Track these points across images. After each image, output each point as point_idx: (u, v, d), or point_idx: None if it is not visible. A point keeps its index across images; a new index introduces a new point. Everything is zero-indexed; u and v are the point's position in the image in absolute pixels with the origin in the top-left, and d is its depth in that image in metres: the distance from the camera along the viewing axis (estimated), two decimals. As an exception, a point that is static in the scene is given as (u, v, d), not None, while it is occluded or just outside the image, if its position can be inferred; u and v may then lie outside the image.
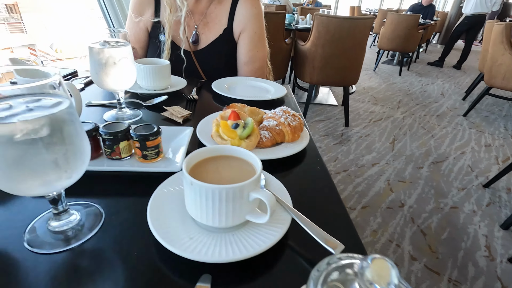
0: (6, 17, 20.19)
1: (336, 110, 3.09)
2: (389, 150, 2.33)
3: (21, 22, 19.84)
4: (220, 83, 0.80)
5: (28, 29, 20.07)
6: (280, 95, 0.75)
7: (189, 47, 0.96)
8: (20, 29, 20.34)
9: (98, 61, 0.52)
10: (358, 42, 2.34)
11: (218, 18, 0.97)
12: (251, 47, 0.98)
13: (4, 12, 19.96)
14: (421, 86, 4.20)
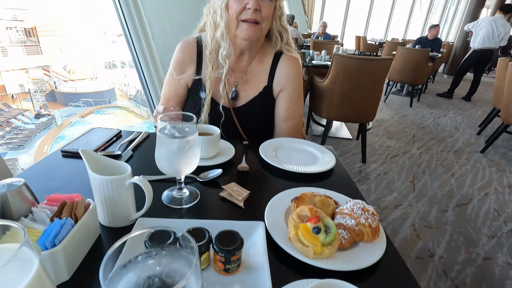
0: (24, 40, 21.06)
1: (351, 144, 3.06)
2: (410, 190, 2.27)
3: (38, 45, 20.66)
4: (266, 148, 0.79)
5: (44, 51, 20.81)
6: (330, 165, 0.73)
7: (228, 104, 0.96)
8: (37, 51, 21.17)
9: (168, 150, 0.50)
10: (375, 82, 2.37)
11: (259, 76, 0.97)
12: (290, 104, 0.98)
13: (23, 35, 20.84)
14: (433, 119, 4.19)
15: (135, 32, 1.69)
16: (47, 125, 15.15)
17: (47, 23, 19.51)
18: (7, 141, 13.33)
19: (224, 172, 0.67)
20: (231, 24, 0.87)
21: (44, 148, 13.13)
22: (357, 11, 12.37)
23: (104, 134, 0.81)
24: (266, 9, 0.84)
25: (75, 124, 15.97)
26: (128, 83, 21.25)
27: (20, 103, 17.84)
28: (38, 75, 20.17)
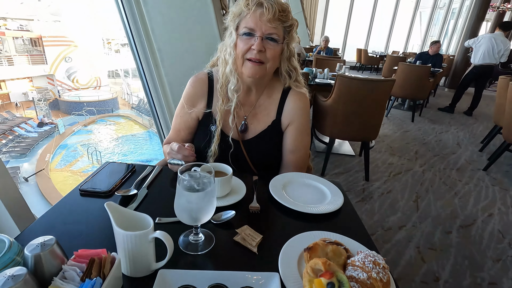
0: (29, 49, 21.34)
1: (354, 161, 3.08)
2: (414, 210, 2.28)
3: (43, 54, 20.90)
4: (276, 185, 0.81)
5: (48, 61, 21.07)
6: (339, 204, 0.75)
7: (237, 136, 0.99)
8: (42, 60, 21.42)
9: (188, 202, 0.53)
10: (378, 102, 2.40)
11: (267, 111, 1.01)
12: (297, 137, 1.01)
13: (29, 45, 21.13)
14: (435, 134, 4.22)
15: (144, 56, 1.74)
16: (49, 134, 15.25)
17: (53, 33, 19.84)
18: (10, 149, 13.40)
19: (236, 211, 0.69)
20: (237, 61, 0.91)
21: (46, 156, 13.18)
22: (358, 24, 12.57)
23: (118, 170, 0.84)
24: (271, 51, 0.88)
25: (77, 133, 16.07)
26: (131, 92, 21.47)
27: (24, 112, 18.01)
28: (43, 84, 20.45)
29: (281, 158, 1.04)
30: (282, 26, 0.89)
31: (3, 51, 19.63)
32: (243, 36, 0.88)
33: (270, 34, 0.86)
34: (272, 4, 0.84)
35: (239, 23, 0.89)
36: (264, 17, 0.84)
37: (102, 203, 0.72)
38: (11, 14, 19.76)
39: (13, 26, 20.78)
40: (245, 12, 0.87)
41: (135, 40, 1.69)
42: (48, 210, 0.68)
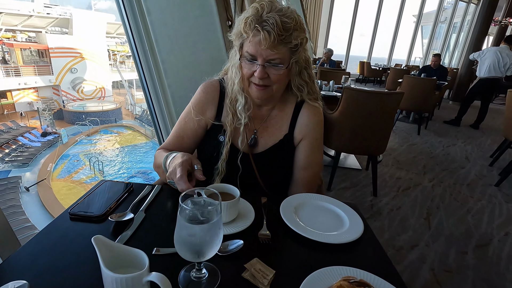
0: (36, 60, 21.82)
1: (360, 175, 2.99)
2: (426, 228, 2.17)
3: (50, 65, 21.33)
4: (287, 209, 0.73)
5: (54, 71, 21.49)
6: (358, 232, 0.67)
7: (247, 150, 0.92)
8: (48, 71, 21.86)
9: (190, 235, 0.45)
10: (386, 115, 2.34)
11: (279, 124, 0.94)
12: (310, 153, 0.94)
13: (36, 56, 21.61)
14: (442, 148, 4.13)
15: (148, 67, 1.69)
16: (53, 143, 15.30)
17: (60, 44, 20.20)
18: (12, 158, 13.41)
19: (244, 240, 0.61)
20: (244, 82, 0.86)
21: (48, 166, 13.16)
22: (361, 37, 12.69)
23: (114, 190, 0.76)
24: (275, 76, 0.81)
25: (80, 143, 16.11)
26: (135, 103, 21.64)
27: (28, 121, 18.15)
28: (48, 94, 20.69)
29: (291, 175, 0.96)
30: (287, 47, 0.79)
31: (10, 62, 19.99)
32: (245, 60, 0.81)
33: (272, 60, 0.79)
34: (270, 31, 0.74)
35: (242, 43, 0.83)
36: (262, 45, 0.76)
37: (94, 228, 0.65)
38: (20, 26, 20.20)
39: (21, 37, 21.23)
40: (244, 35, 0.80)
41: (139, 51, 1.66)
42: (34, 236, 0.61)
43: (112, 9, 54.31)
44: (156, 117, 1.78)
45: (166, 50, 1.60)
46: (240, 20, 0.81)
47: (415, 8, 12.82)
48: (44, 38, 20.11)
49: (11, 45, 19.97)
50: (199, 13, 1.54)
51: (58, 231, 0.64)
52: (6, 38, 20.33)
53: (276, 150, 0.93)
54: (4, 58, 20.49)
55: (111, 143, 16.84)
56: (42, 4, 22.01)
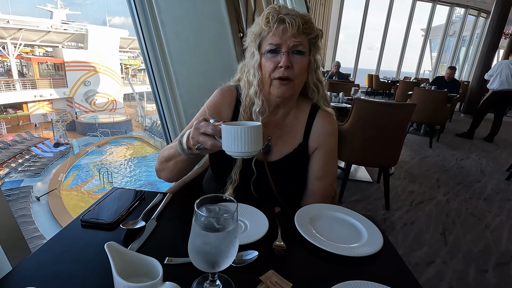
0: (52, 74, 22.61)
1: (372, 188, 2.93)
2: (442, 244, 2.08)
3: (64, 78, 22.04)
4: (303, 220, 0.71)
5: (69, 84, 22.15)
6: (378, 245, 0.64)
7: (262, 157, 0.91)
8: (63, 84, 22.57)
9: (205, 244, 0.43)
10: (398, 127, 2.30)
11: (293, 132, 0.93)
12: (325, 162, 0.92)
13: (52, 70, 22.43)
14: (456, 161, 4.02)
15: (160, 78, 1.72)
16: (64, 154, 15.59)
17: (76, 58, 20.93)
18: (25, 168, 13.69)
19: (259, 250, 0.59)
20: (264, 82, 0.86)
21: (59, 176, 13.36)
22: (369, 50, 12.77)
23: (126, 197, 0.76)
24: (299, 65, 0.82)
25: (91, 154, 16.37)
26: (145, 114, 22.03)
27: (42, 132, 18.62)
28: (62, 106, 21.29)
29: (305, 185, 0.94)
30: (307, 38, 0.84)
31: (28, 75, 20.77)
32: (267, 54, 0.82)
33: (296, 47, 0.81)
34: (295, 19, 0.79)
35: (261, 42, 0.85)
36: (288, 32, 0.80)
37: (105, 236, 0.64)
38: (38, 41, 21.07)
39: (39, 52, 22.12)
40: (266, 30, 0.82)
41: (151, 62, 1.69)
42: (45, 243, 0.60)
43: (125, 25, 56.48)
44: (167, 127, 1.79)
45: (178, 61, 1.63)
46: (257, 21, 0.85)
47: (423, 22, 12.86)
48: (61, 52, 20.89)
49: (29, 59, 20.80)
50: (211, 24, 1.57)
51: (68, 238, 0.62)
52: (25, 52, 21.20)
53: (291, 159, 0.91)
54: (22, 71, 21.31)
55: (120, 154, 17.07)
56: (60, 21, 23.04)
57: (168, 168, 0.85)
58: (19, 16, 21.29)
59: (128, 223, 0.63)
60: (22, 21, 20.82)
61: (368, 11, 11.49)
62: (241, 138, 0.58)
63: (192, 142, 0.69)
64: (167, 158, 0.83)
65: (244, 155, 0.60)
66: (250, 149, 0.59)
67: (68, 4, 27.65)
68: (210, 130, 0.64)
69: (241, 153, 0.60)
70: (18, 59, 20.73)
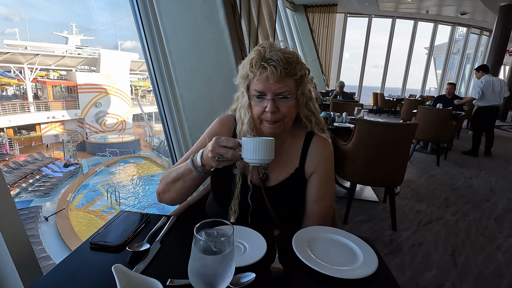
0: (65, 96, 23.37)
1: (378, 207, 2.90)
2: (451, 266, 2.03)
3: (76, 100, 22.77)
4: (300, 242, 0.73)
5: (80, 106, 22.85)
6: (372, 267, 0.66)
7: (259, 183, 0.94)
8: (75, 106, 23.26)
9: (203, 266, 0.47)
10: (401, 146, 2.32)
11: (290, 158, 0.96)
12: (322, 185, 0.95)
13: (65, 92, 23.23)
14: (464, 179, 3.96)
15: (167, 102, 1.80)
16: (74, 174, 15.83)
17: (88, 81, 21.74)
18: (35, 188, 13.91)
19: (256, 272, 0.61)
20: (255, 121, 0.90)
21: (67, 196, 13.51)
22: (374, 68, 12.96)
23: (132, 220, 0.80)
24: (285, 108, 0.85)
25: (99, 173, 16.58)
26: (153, 134, 22.43)
27: (53, 152, 19.05)
28: (73, 127, 21.90)
29: (304, 208, 0.97)
30: (293, 79, 0.86)
31: (42, 98, 21.58)
32: (255, 98, 0.86)
33: (281, 93, 0.84)
34: (276, 66, 0.80)
35: (248, 84, 0.88)
36: (270, 79, 0.81)
37: (112, 258, 0.67)
38: (53, 65, 22.05)
39: (53, 75, 23.09)
40: (251, 75, 0.85)
41: (159, 87, 1.78)
42: (57, 264, 0.64)
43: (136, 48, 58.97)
44: (173, 149, 1.86)
45: (184, 86, 1.72)
46: (244, 64, 0.89)
47: (426, 40, 13.07)
48: (74, 75, 21.78)
49: (44, 82, 21.70)
50: (215, 52, 1.66)
51: (78, 260, 0.66)
52: (40, 76, 22.16)
53: (288, 184, 0.94)
54: (36, 94, 22.17)
55: (128, 173, 17.24)
56: (75, 46, 24.19)
57: (175, 188, 0.89)
58: (36, 42, 22.50)
59: (133, 246, 0.67)
60: (39, 47, 21.98)
61: (371, 31, 11.79)
62: (259, 148, 0.72)
63: (211, 154, 0.76)
64: (175, 179, 0.88)
65: (262, 162, 0.73)
66: (266, 157, 0.73)
67: (83, 30, 29.16)
68: (231, 143, 0.75)
69: (259, 160, 0.73)
70: (33, 82, 21.63)
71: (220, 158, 0.76)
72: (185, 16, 1.56)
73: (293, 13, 9.58)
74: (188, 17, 1.56)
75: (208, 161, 0.78)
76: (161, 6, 1.55)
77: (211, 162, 0.78)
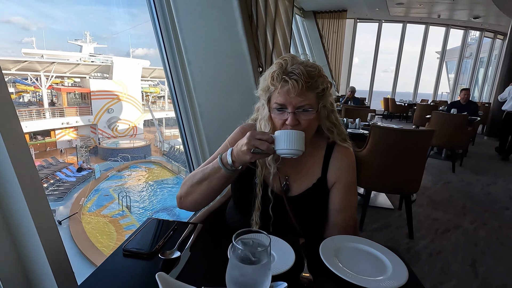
0: (79, 102, 23.93)
1: (393, 215, 2.86)
2: (473, 277, 1.98)
3: (90, 106, 23.26)
4: (327, 251, 0.74)
5: (93, 112, 23.32)
6: (403, 278, 0.66)
7: (281, 192, 0.95)
8: (88, 112, 23.74)
9: (242, 275, 0.48)
10: (417, 153, 2.29)
11: (311, 168, 0.96)
12: (345, 195, 0.95)
13: (79, 98, 23.78)
14: (482, 186, 3.87)
15: (185, 110, 1.84)
16: (86, 178, 16.12)
17: (101, 87, 22.27)
18: (49, 193, 14.22)
19: (286, 281, 0.62)
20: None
21: (80, 200, 13.75)
22: (384, 73, 12.86)
23: (160, 227, 0.82)
24: (306, 121, 0.85)
25: (111, 178, 16.84)
26: (163, 139, 22.73)
27: (67, 157, 19.49)
28: (86, 133, 22.42)
29: (327, 218, 0.97)
30: (314, 93, 0.85)
31: (57, 104, 22.22)
32: (275, 110, 0.87)
33: (302, 106, 0.83)
34: (297, 79, 0.80)
35: (269, 97, 0.89)
36: (292, 93, 0.81)
37: (144, 265, 0.69)
38: (68, 73, 22.72)
39: (68, 82, 23.79)
40: (272, 88, 0.86)
41: (178, 96, 1.82)
42: (91, 273, 0.66)
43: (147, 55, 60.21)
44: (190, 155, 1.89)
45: (202, 94, 1.75)
46: (265, 76, 0.89)
47: (437, 45, 12.91)
48: (88, 82, 22.34)
49: (59, 89, 22.35)
50: (233, 61, 1.70)
51: (112, 267, 0.68)
52: (56, 83, 22.84)
53: (310, 193, 0.94)
54: (52, 100, 22.83)
55: (139, 178, 17.46)
56: (88, 54, 24.88)
57: (200, 189, 0.89)
58: (52, 51, 23.24)
59: (165, 253, 0.69)
60: (54, 55, 22.69)
61: (381, 36, 11.72)
62: (292, 138, 0.76)
63: (246, 146, 0.78)
64: (201, 179, 0.88)
65: (294, 152, 0.77)
66: (298, 147, 0.77)
67: (96, 39, 29.94)
68: (266, 136, 0.78)
69: (292, 150, 0.77)
70: (49, 89, 22.29)
71: (255, 151, 0.78)
72: (204, 27, 1.60)
73: (302, 19, 9.64)
74: (207, 28, 1.60)
75: (242, 155, 0.79)
76: (181, 18, 1.60)
77: (245, 155, 0.79)
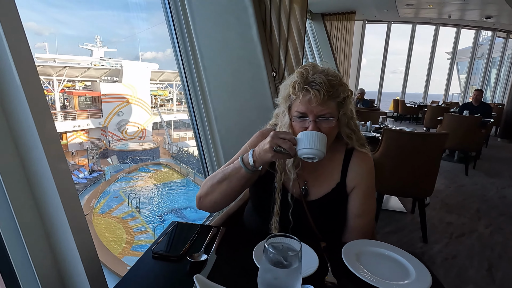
0: (90, 105, 24.36)
1: (406, 218, 2.83)
2: (490, 282, 1.95)
3: (100, 109, 23.64)
4: (350, 255, 0.75)
5: (104, 114, 23.67)
6: (427, 282, 0.67)
7: (300, 196, 0.97)
8: (99, 115, 24.13)
9: (274, 278, 0.50)
10: (430, 156, 2.27)
11: (330, 173, 0.98)
12: (364, 200, 0.96)
13: (90, 102, 24.21)
14: (496, 190, 3.80)
15: (200, 115, 1.88)
16: (97, 180, 16.40)
17: (111, 91, 22.67)
18: (61, 194, 14.49)
19: (311, 284, 0.64)
20: None
21: (91, 202, 13.99)
22: (393, 74, 12.73)
23: (186, 231, 0.84)
24: (327, 129, 0.86)
25: (121, 180, 17.09)
26: (172, 142, 22.97)
27: (78, 159, 19.88)
28: (96, 135, 22.84)
29: (345, 222, 0.98)
30: (335, 102, 0.86)
31: (68, 107, 22.72)
32: (296, 118, 0.88)
33: (323, 115, 0.85)
34: (319, 89, 0.81)
35: (290, 105, 0.90)
36: (313, 102, 0.83)
37: (172, 268, 0.72)
38: (79, 77, 23.21)
39: (79, 86, 24.30)
40: (293, 96, 0.87)
41: (193, 100, 1.85)
42: (123, 277, 0.68)
43: (155, 59, 61.15)
44: (204, 157, 1.92)
45: (217, 99, 1.79)
46: (286, 85, 0.91)
47: (448, 45, 12.72)
48: (98, 86, 22.78)
49: (70, 93, 22.85)
50: (248, 67, 1.72)
51: (142, 271, 0.71)
52: (67, 87, 23.36)
53: (330, 198, 0.95)
54: (64, 104, 23.36)
55: (148, 180, 17.66)
56: (99, 58, 25.37)
57: (220, 189, 0.91)
58: (64, 55, 23.77)
59: (194, 256, 0.71)
60: (66, 59, 23.19)
61: (390, 37, 11.62)
62: (315, 138, 0.79)
63: (269, 145, 0.80)
64: (221, 179, 0.90)
65: (316, 152, 0.79)
66: (320, 148, 0.79)
67: (106, 43, 30.58)
68: (289, 136, 0.81)
69: (314, 150, 0.78)
70: (61, 93, 22.81)
71: (277, 149, 0.79)
72: (220, 33, 1.63)
73: (310, 21, 9.64)
74: (222, 34, 1.63)
75: (263, 153, 0.81)
76: (197, 25, 1.64)
77: (267, 153, 0.80)
